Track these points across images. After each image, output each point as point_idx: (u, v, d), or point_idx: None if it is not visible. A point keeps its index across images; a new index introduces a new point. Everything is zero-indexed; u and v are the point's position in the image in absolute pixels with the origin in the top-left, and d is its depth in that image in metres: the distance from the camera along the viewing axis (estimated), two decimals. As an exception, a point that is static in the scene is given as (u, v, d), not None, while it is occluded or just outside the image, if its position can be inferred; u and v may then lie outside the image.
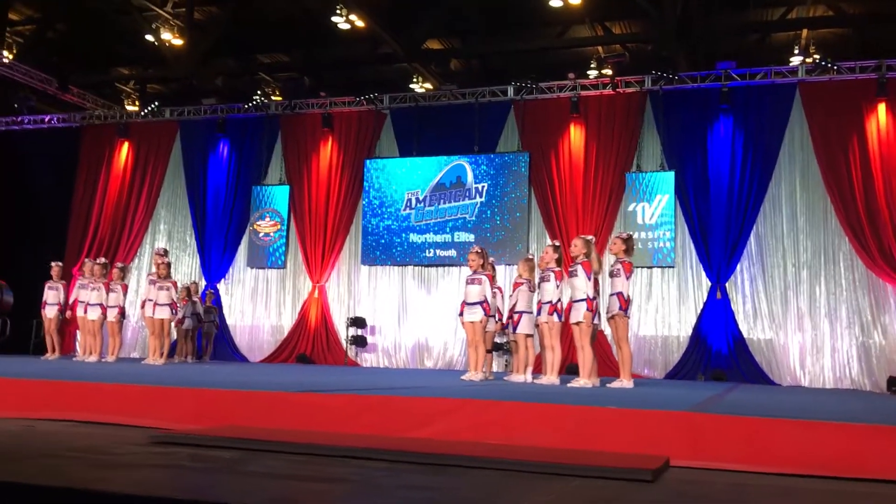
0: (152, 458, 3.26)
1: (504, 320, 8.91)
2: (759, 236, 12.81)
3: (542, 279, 8.06)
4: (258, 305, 15.40)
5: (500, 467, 3.18)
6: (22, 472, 2.82)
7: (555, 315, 7.85)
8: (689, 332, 12.85)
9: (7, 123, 16.84)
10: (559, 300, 7.88)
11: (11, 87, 15.83)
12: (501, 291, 9.36)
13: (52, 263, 12.69)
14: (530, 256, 9.34)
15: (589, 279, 7.52)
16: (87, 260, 12.65)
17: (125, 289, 12.18)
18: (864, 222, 12.15)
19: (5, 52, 14.89)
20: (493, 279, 8.60)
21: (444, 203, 14.47)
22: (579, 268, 7.61)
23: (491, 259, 9.02)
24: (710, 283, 12.83)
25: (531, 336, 8.61)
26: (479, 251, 8.55)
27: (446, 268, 14.40)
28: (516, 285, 8.74)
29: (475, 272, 8.38)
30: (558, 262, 8.13)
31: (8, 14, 14.91)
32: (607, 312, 7.80)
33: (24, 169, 16.37)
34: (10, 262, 14.26)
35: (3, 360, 10.02)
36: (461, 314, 8.37)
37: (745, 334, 12.56)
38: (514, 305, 8.61)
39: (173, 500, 2.43)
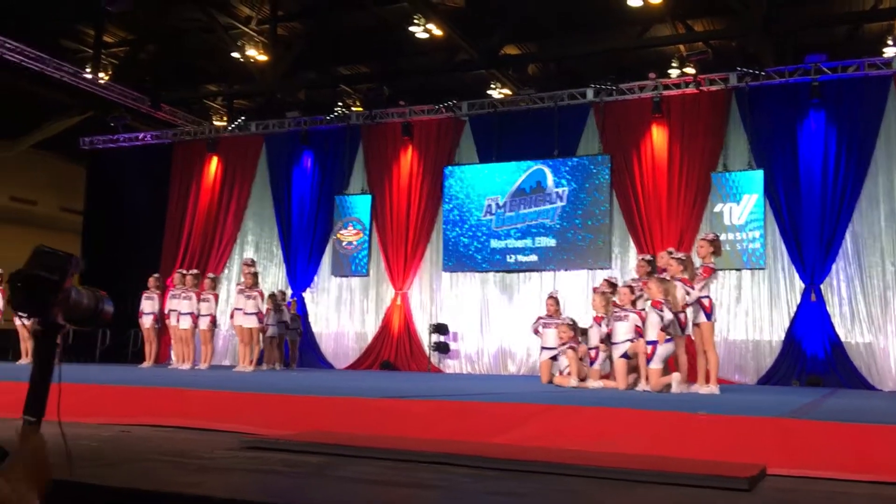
0: (244, 463, 3.34)
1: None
2: (856, 235, 12.26)
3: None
4: (342, 313, 15.63)
5: (586, 474, 3.13)
6: (116, 476, 2.92)
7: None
8: (782, 336, 12.38)
9: (104, 142, 17.63)
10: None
11: (108, 106, 16.59)
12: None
13: (152, 276, 13.24)
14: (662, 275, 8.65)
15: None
16: (179, 271, 13.14)
17: (216, 298, 12.61)
18: (968, 218, 11.53)
19: (101, 74, 15.60)
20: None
21: (525, 208, 14.38)
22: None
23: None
24: (803, 285, 12.35)
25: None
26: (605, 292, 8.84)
27: (528, 273, 14.31)
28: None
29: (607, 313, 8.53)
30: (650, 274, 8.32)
31: (103, 37, 15.63)
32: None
33: (121, 185, 17.08)
34: (110, 274, 14.83)
35: (102, 369, 10.48)
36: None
37: (842, 338, 12.01)
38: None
39: None
